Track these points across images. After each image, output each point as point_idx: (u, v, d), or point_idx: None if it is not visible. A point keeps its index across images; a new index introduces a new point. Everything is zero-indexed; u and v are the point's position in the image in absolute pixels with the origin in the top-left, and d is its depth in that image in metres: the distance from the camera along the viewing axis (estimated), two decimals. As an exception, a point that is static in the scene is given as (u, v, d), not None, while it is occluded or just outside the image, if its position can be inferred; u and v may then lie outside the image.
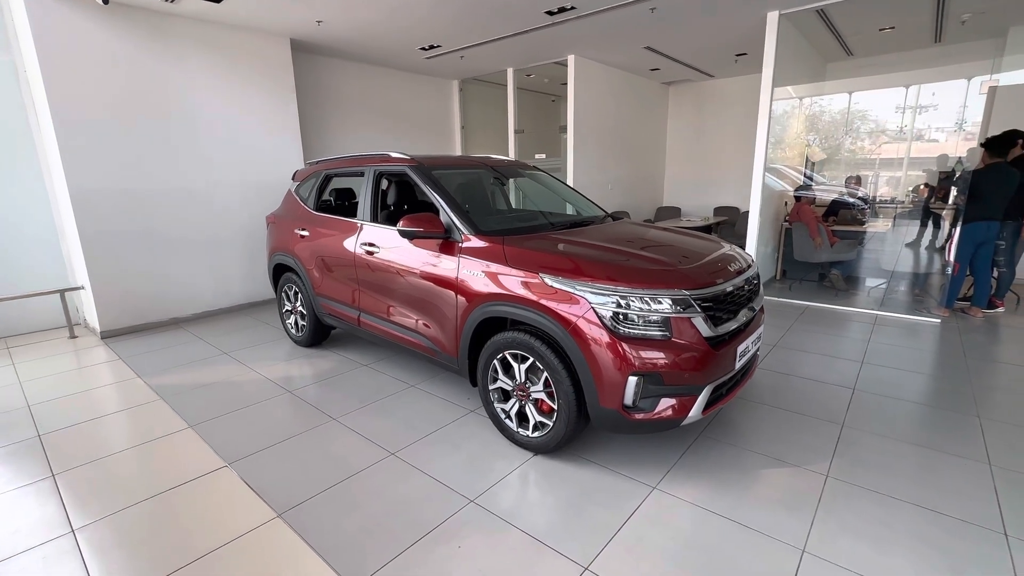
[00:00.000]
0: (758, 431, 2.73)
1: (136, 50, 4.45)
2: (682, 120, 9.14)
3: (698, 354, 2.17)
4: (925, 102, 7.06)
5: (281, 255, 4.14)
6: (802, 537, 1.92)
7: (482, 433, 2.76)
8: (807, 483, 2.26)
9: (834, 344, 4.07)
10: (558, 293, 2.26)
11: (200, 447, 2.69)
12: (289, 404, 3.18)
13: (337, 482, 2.34)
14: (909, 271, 6.23)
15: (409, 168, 3.17)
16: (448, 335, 2.83)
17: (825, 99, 7.44)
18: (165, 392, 3.39)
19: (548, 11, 4.77)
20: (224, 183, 5.17)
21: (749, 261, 2.74)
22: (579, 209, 3.68)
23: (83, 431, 2.90)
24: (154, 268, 4.80)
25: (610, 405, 2.19)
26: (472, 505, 2.16)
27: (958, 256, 4.65)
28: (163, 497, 2.27)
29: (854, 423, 2.78)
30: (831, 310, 5.06)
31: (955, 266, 4.68)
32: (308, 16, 4.76)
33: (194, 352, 4.16)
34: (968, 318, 4.67)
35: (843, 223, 6.27)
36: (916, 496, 2.15)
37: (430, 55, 6.30)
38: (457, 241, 2.75)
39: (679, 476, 2.34)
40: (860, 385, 3.27)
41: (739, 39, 5.95)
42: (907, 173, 7.52)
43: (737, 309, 2.43)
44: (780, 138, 5.89)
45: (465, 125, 8.23)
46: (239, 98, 5.15)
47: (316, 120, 6.27)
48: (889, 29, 5.59)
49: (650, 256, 2.49)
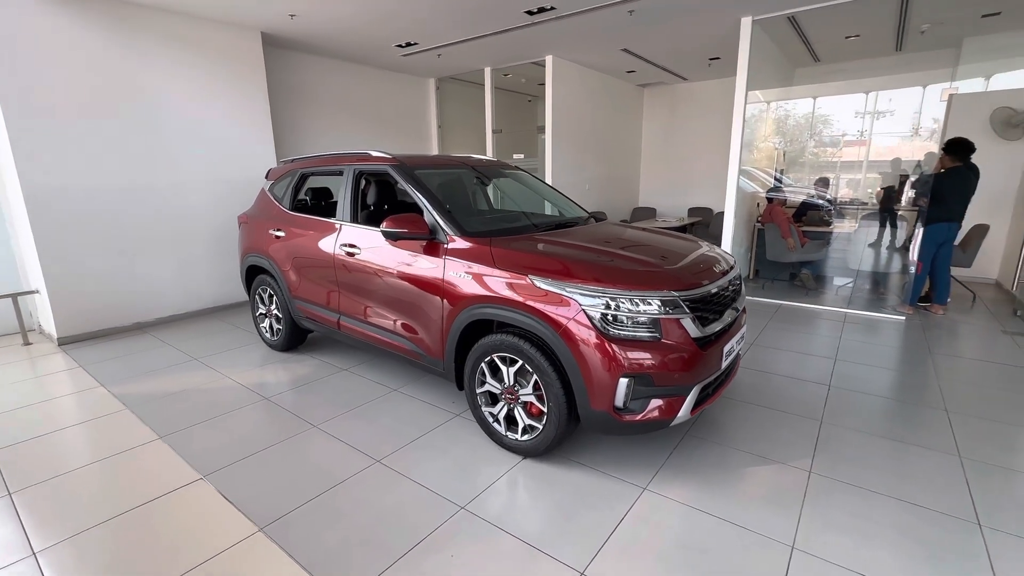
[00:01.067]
0: (742, 429, 2.77)
1: (96, 41, 4.22)
2: (657, 122, 9.28)
3: (687, 354, 2.19)
4: (884, 108, 7.37)
5: (255, 256, 3.99)
6: (791, 534, 1.96)
7: (469, 437, 2.72)
8: (791, 479, 2.31)
9: (808, 342, 4.19)
10: (548, 295, 2.25)
11: (172, 459, 2.56)
12: (266, 412, 3.07)
13: (321, 492, 2.26)
14: (873, 270, 6.48)
15: (391, 167, 3.10)
16: (433, 338, 2.77)
17: (792, 103, 7.67)
18: (131, 401, 3.22)
19: (527, 11, 4.75)
20: (192, 181, 4.95)
21: (732, 262, 2.79)
22: (562, 210, 3.67)
23: (42, 445, 2.72)
24: (116, 270, 4.56)
25: (601, 407, 2.18)
26: (463, 512, 2.12)
27: (921, 256, 4.85)
28: (134, 514, 2.14)
29: (832, 419, 2.86)
30: (803, 308, 5.21)
31: (918, 265, 4.89)
32: (281, 9, 4.60)
33: (161, 358, 3.97)
34: (930, 315, 4.89)
35: (811, 224, 6.48)
36: (894, 489, 2.22)
37: (407, 52, 6.20)
38: (442, 242, 2.70)
39: (668, 476, 2.36)
40: (835, 382, 3.37)
41: (713, 43, 6.07)
42: (867, 175, 7.83)
43: (722, 309, 2.47)
44: (751, 141, 6.04)
45: (442, 124, 8.14)
46: (208, 93, 4.95)
47: (289, 117, 6.09)
48: (854, 37, 5.80)
49: (638, 257, 2.50)
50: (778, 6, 4.78)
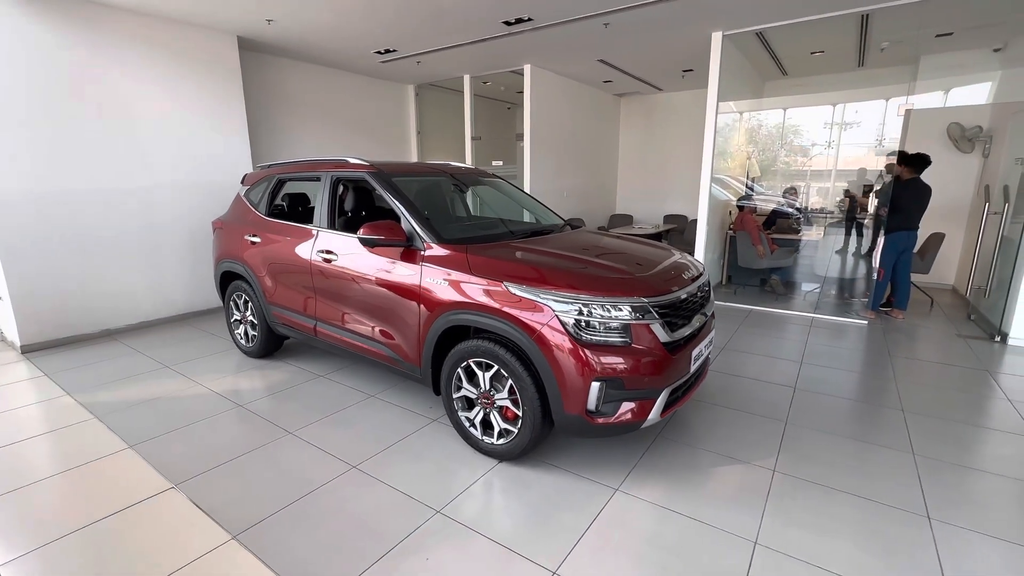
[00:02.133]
0: (711, 431, 2.87)
1: (64, 41, 4.13)
2: (633, 131, 9.48)
3: (656, 359, 2.26)
4: (850, 119, 7.68)
5: (230, 262, 3.95)
6: (754, 530, 2.04)
7: (446, 442, 2.74)
8: (756, 478, 2.40)
9: (776, 345, 4.33)
10: (522, 301, 2.30)
11: (142, 468, 2.52)
12: (241, 419, 3.04)
13: (296, 499, 2.26)
14: (838, 276, 6.72)
15: (368, 175, 3.12)
16: (410, 344, 2.80)
17: (763, 114, 7.93)
18: (99, 410, 3.15)
19: (505, 21, 4.84)
20: (164, 184, 4.87)
21: (701, 269, 2.89)
22: (538, 217, 3.74)
23: (5, 456, 2.64)
24: (84, 276, 4.45)
25: (574, 410, 2.24)
26: (438, 516, 2.15)
27: (882, 262, 5.07)
28: (102, 524, 2.10)
29: (796, 420, 2.98)
30: (772, 313, 5.38)
31: (880, 272, 5.11)
32: (257, 14, 4.58)
33: (131, 366, 3.88)
34: (891, 319, 5.11)
35: (781, 232, 6.70)
36: (852, 486, 2.33)
37: (385, 59, 6.23)
38: (419, 249, 2.73)
39: (640, 477, 2.42)
40: (800, 384, 3.50)
41: (686, 56, 6.25)
42: (834, 184, 8.14)
43: (691, 315, 2.55)
44: (724, 150, 6.23)
45: (421, 131, 8.16)
46: (182, 96, 4.88)
47: (266, 121, 6.04)
48: (819, 53, 6.05)
49: (610, 264, 2.58)
50: (746, 22, 4.97)
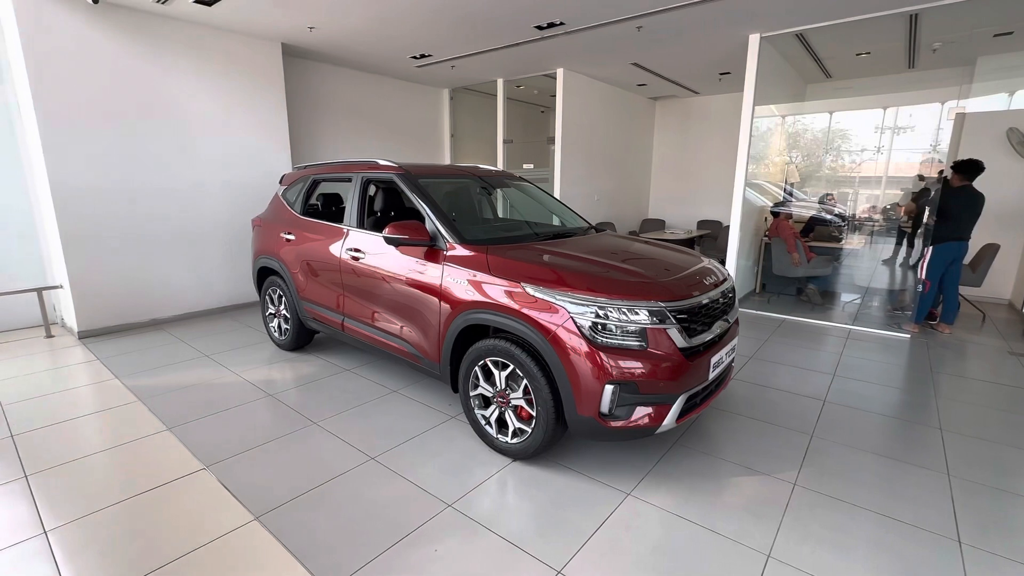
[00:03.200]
0: (731, 440, 2.80)
1: (124, 50, 4.45)
2: (668, 134, 9.34)
3: (672, 364, 2.24)
4: (902, 123, 7.32)
5: (266, 258, 4.14)
6: (768, 543, 1.99)
7: (462, 439, 2.79)
8: (775, 491, 2.34)
9: (808, 357, 4.18)
10: (538, 302, 2.32)
11: (178, 449, 2.68)
12: (270, 408, 3.18)
13: (315, 486, 2.36)
14: (883, 287, 6.42)
15: (396, 176, 3.22)
16: (431, 341, 2.86)
17: (807, 118, 7.67)
18: (143, 394, 3.36)
19: (537, 26, 4.88)
20: (209, 184, 5.15)
21: (725, 275, 2.83)
22: (563, 220, 3.75)
23: (58, 432, 2.87)
24: (135, 268, 4.76)
25: (587, 413, 2.24)
26: (450, 510, 2.19)
27: (929, 274, 4.82)
28: (138, 499, 2.26)
29: (823, 434, 2.87)
30: (807, 324, 5.19)
31: (926, 284, 4.85)
32: (300, 22, 4.80)
33: (174, 354, 4.12)
34: (936, 334, 4.84)
35: (820, 239, 6.46)
36: (877, 504, 2.24)
37: (421, 64, 6.38)
38: (442, 249, 2.80)
39: (653, 483, 2.40)
40: (831, 397, 3.37)
41: (722, 58, 6.13)
42: (885, 191, 7.78)
43: (712, 321, 2.51)
44: (761, 155, 6.06)
45: (455, 134, 8.30)
46: (228, 100, 5.16)
47: (305, 124, 6.29)
48: (865, 54, 5.81)
49: (629, 268, 2.57)
50: (785, 24, 4.84)
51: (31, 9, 3.94)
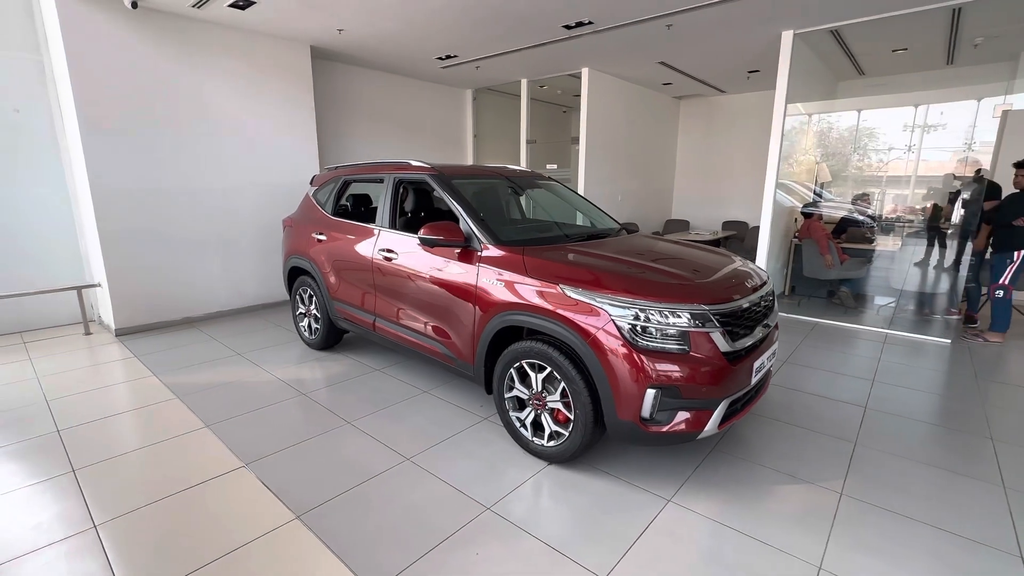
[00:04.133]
0: (770, 447, 2.74)
1: (161, 54, 4.54)
2: (692, 134, 9.21)
3: (715, 368, 2.19)
4: (933, 121, 7.08)
5: (297, 258, 4.19)
6: (818, 554, 1.93)
7: (496, 441, 2.78)
8: (821, 500, 2.27)
9: (844, 361, 4.08)
10: (578, 304, 2.30)
11: (217, 447, 2.72)
12: (303, 406, 3.21)
13: (354, 485, 2.37)
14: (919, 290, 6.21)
15: (429, 176, 3.22)
16: (464, 342, 2.86)
17: (835, 116, 7.48)
18: (180, 391, 3.43)
19: (566, 25, 4.85)
20: (241, 185, 5.24)
21: (764, 277, 2.77)
22: (593, 221, 3.72)
23: (101, 427, 2.93)
24: (170, 267, 4.86)
25: (627, 417, 2.21)
26: (488, 513, 2.18)
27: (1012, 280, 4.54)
28: (183, 495, 2.29)
29: (867, 441, 2.79)
30: (840, 327, 5.06)
31: (1009, 289, 4.58)
32: (330, 24, 4.85)
33: (208, 352, 4.20)
34: (981, 341, 4.66)
35: (852, 241, 6.29)
36: (930, 516, 2.16)
37: (446, 64, 6.39)
38: (476, 250, 2.79)
39: (693, 489, 2.36)
40: (872, 403, 3.27)
41: (752, 56, 6.02)
42: (914, 191, 7.54)
43: (753, 325, 2.46)
44: (790, 154, 5.93)
45: (477, 134, 8.31)
46: (259, 102, 5.24)
47: (332, 125, 6.35)
48: (902, 50, 5.65)
49: (669, 270, 2.53)
50: (820, 20, 4.72)
51: (73, 14, 4.05)
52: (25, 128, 4.54)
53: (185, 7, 4.39)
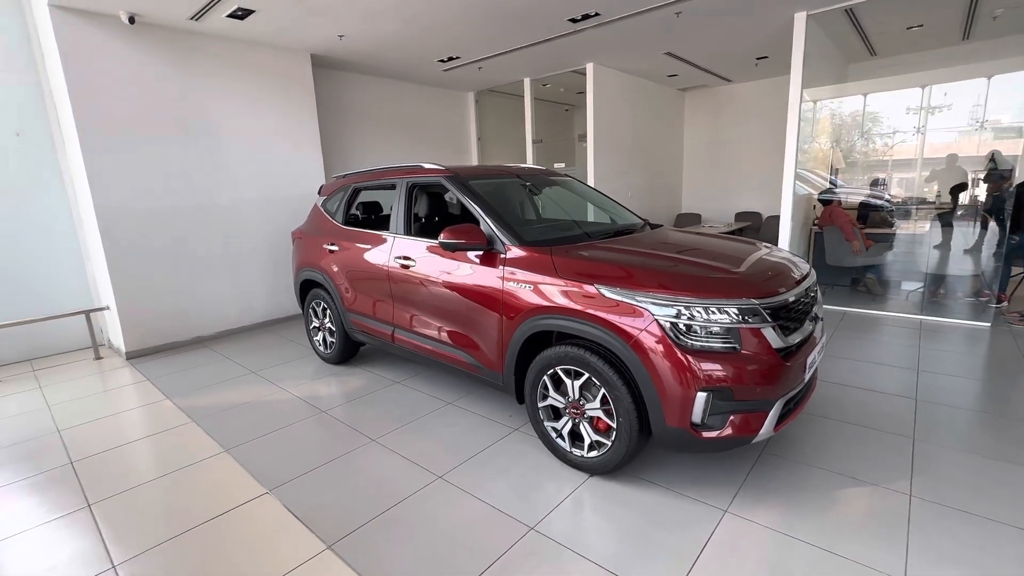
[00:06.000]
0: (824, 447, 2.57)
1: (160, 68, 4.44)
2: (699, 126, 9.05)
3: (768, 366, 2.04)
4: (940, 102, 6.85)
5: (309, 271, 4.06)
6: (899, 566, 1.77)
7: (531, 453, 2.63)
8: (890, 504, 2.10)
9: (883, 351, 3.90)
10: (618, 305, 2.15)
11: (238, 472, 2.58)
12: (324, 425, 3.07)
13: (386, 509, 2.22)
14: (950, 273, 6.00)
15: (445, 179, 3.08)
16: (492, 350, 2.71)
17: (850, 100, 7.29)
18: (196, 414, 3.29)
19: (571, 18, 4.72)
20: (246, 199, 5.12)
21: (807, 269, 2.61)
22: (614, 218, 3.57)
23: (116, 457, 2.80)
24: (178, 286, 4.74)
25: (677, 423, 2.05)
26: (533, 533, 2.03)
27: None
28: (206, 527, 2.15)
29: (926, 436, 2.62)
30: (871, 315, 4.88)
31: None
32: (330, 31, 4.73)
33: (221, 372, 4.07)
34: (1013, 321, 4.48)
35: (873, 226, 6.11)
36: (1013, 517, 1.99)
37: (448, 67, 6.27)
38: (499, 252, 2.65)
39: (749, 497, 2.19)
40: (921, 395, 3.10)
41: (761, 42, 5.87)
42: (920, 173, 7.34)
43: (802, 318, 2.30)
44: (804, 141, 5.75)
45: (481, 136, 8.19)
46: (261, 114, 5.13)
47: (335, 134, 6.24)
48: (917, 27, 5.47)
49: (707, 263, 2.37)
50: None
51: (70, 32, 3.95)
52: (27, 151, 4.44)
53: (183, 20, 4.28)
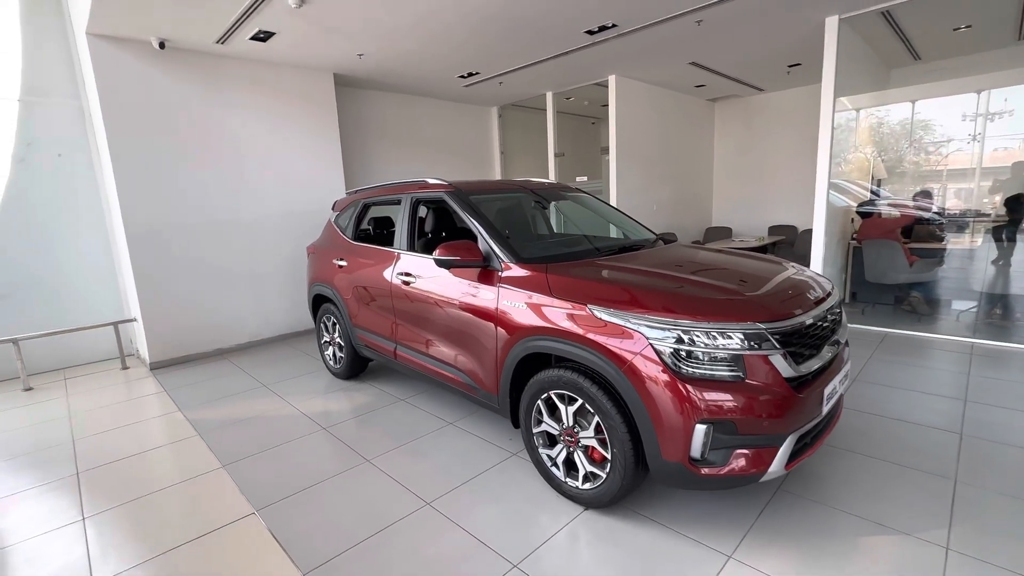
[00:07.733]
0: (849, 485, 2.32)
1: (189, 90, 4.63)
2: (730, 137, 8.75)
3: (777, 397, 1.85)
4: (999, 108, 6.33)
5: (320, 285, 4.09)
6: (928, 634, 1.54)
7: (525, 481, 2.49)
8: (923, 557, 1.85)
9: (926, 378, 3.56)
10: (609, 327, 2.01)
11: (230, 490, 2.56)
12: (323, 442, 3.03)
13: (367, 536, 2.13)
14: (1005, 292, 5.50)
15: (446, 194, 3.04)
16: (487, 371, 2.61)
17: (896, 107, 6.86)
18: (202, 427, 3.33)
19: (588, 31, 4.64)
20: (269, 215, 5.25)
21: (829, 288, 2.39)
22: (626, 232, 3.42)
23: (119, 469, 2.84)
24: (202, 300, 4.88)
25: (673, 458, 1.88)
26: (515, 571, 1.89)
27: None
28: (186, 549, 2.12)
29: (970, 478, 2.33)
30: (915, 337, 4.50)
31: None
32: (350, 50, 4.83)
33: (234, 384, 4.12)
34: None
35: (920, 240, 5.68)
36: (1072, 581, 1.71)
37: (469, 83, 6.30)
38: (496, 270, 2.56)
39: (758, 542, 1.98)
40: (968, 429, 2.78)
41: (792, 49, 5.61)
42: (979, 184, 6.79)
43: (820, 344, 2.09)
44: (840, 151, 5.43)
45: (505, 151, 8.18)
46: (285, 133, 5.27)
47: (358, 152, 6.35)
48: (964, 28, 5.11)
49: (714, 283, 2.20)
50: (869, 1, 4.30)
51: (107, 57, 4.17)
52: (67, 171, 4.71)
53: (209, 44, 4.46)
